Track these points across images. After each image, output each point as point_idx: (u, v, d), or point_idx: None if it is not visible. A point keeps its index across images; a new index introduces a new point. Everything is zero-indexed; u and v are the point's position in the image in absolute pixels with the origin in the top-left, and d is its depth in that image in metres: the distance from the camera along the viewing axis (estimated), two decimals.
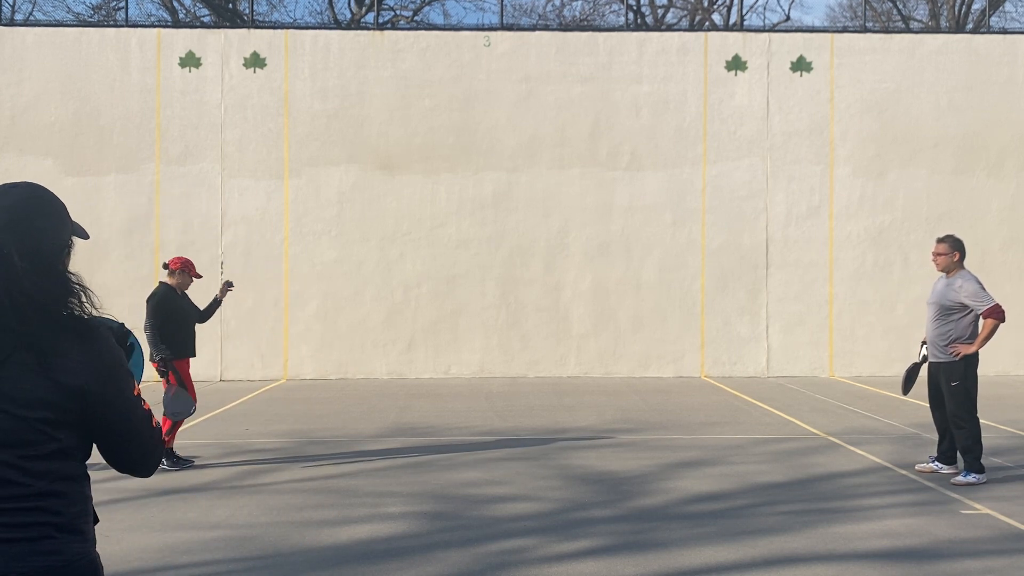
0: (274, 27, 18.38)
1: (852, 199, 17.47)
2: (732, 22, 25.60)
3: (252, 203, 17.16)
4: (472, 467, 8.89)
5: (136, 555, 6.07)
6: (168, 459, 8.85)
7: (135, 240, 16.97)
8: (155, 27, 17.95)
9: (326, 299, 17.17)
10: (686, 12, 28.48)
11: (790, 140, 17.49)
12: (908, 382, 8.77)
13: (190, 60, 17.20)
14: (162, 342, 8.80)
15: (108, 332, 2.28)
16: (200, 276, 9.53)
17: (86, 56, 17.13)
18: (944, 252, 8.37)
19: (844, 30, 18.66)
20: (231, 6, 25.10)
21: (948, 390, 8.21)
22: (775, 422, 11.71)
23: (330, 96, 17.29)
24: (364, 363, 17.16)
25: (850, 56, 17.58)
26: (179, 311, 9.08)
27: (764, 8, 34.46)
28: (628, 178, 17.39)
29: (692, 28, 26.02)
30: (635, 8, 26.54)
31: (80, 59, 17.13)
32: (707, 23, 26.96)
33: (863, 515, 7.07)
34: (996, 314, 8.09)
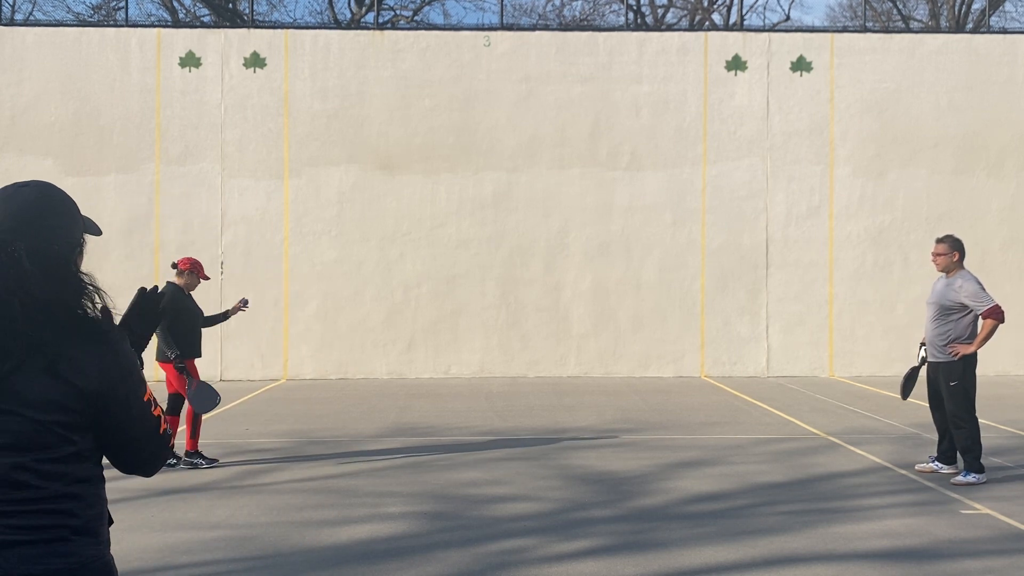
0: (274, 27, 18.39)
1: (852, 199, 17.47)
2: (732, 22, 25.60)
3: (252, 203, 17.16)
4: (472, 467, 8.89)
5: (136, 555, 6.07)
6: (199, 458, 8.98)
7: (135, 240, 16.96)
8: (155, 27, 17.96)
9: (326, 299, 17.17)
10: (686, 12, 28.49)
11: (790, 140, 17.49)
12: (907, 386, 8.78)
13: (190, 60, 17.21)
14: (173, 341, 8.84)
15: (121, 335, 2.27)
16: (208, 278, 9.55)
17: (86, 56, 17.13)
18: (944, 252, 8.37)
19: (844, 30, 18.67)
20: (231, 6, 25.10)
21: (947, 390, 8.21)
22: (775, 422, 11.72)
23: (330, 96, 17.29)
24: (364, 363, 17.16)
25: (850, 56, 17.57)
26: (187, 311, 9.09)
27: (764, 8, 34.47)
28: (628, 178, 17.38)
29: (692, 28, 26.01)
30: (635, 8, 26.55)
31: (80, 59, 17.13)
32: (707, 23, 26.96)
33: (863, 515, 7.07)
34: (995, 314, 8.09)
